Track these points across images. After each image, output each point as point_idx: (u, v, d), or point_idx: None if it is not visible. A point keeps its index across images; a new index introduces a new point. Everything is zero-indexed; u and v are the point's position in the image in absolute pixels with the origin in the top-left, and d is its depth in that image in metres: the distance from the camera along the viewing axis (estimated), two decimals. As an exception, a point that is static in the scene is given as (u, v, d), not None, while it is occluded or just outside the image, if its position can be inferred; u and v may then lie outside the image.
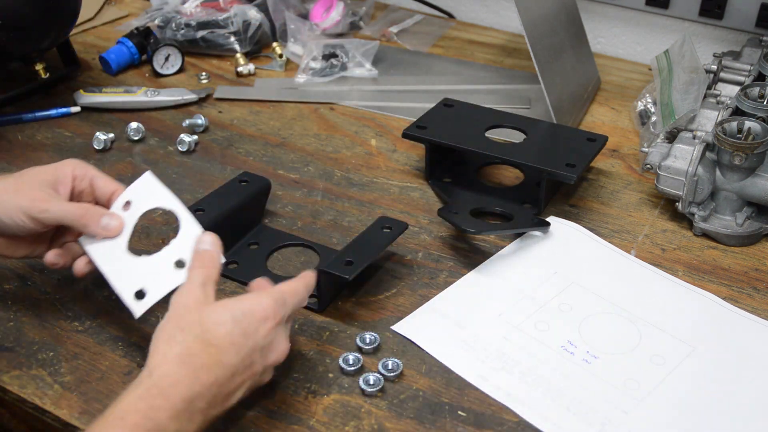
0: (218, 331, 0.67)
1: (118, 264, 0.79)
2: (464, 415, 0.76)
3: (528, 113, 1.23)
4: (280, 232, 0.99)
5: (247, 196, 0.96)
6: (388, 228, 0.90)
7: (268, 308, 0.70)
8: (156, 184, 0.82)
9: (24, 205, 0.78)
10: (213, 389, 0.66)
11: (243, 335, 0.68)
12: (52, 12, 1.15)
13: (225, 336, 0.67)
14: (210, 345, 0.66)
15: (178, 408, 0.63)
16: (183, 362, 0.65)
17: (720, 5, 1.30)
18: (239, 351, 0.67)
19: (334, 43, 1.36)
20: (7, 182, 0.80)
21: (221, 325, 0.68)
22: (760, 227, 0.97)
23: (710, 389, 0.79)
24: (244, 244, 0.96)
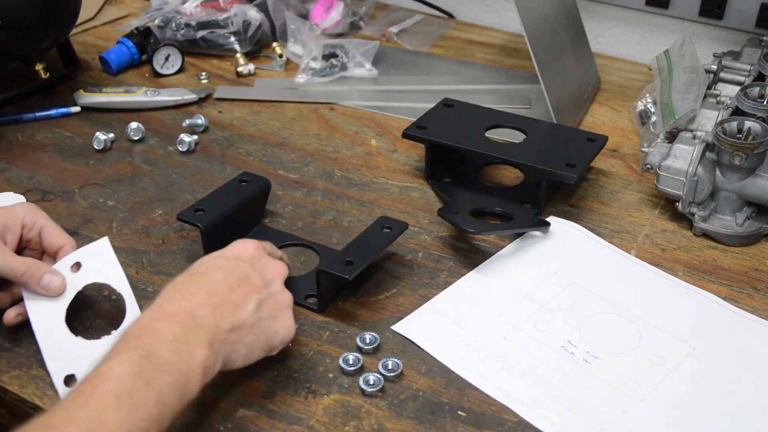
0: (201, 265, 0.73)
1: (55, 336, 0.78)
2: (464, 415, 0.76)
3: (528, 113, 1.23)
4: (279, 232, 0.98)
5: (247, 196, 0.96)
6: (388, 228, 0.90)
7: (245, 242, 0.76)
8: (110, 254, 0.81)
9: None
10: (211, 299, 0.69)
11: (225, 259, 0.73)
12: (52, 12, 1.15)
13: (208, 264, 0.73)
14: (195, 273, 0.72)
15: (175, 315, 0.66)
16: (173, 289, 0.70)
17: (720, 5, 1.30)
18: (226, 268, 0.72)
19: (334, 43, 1.36)
20: None
21: (203, 262, 0.74)
22: (760, 227, 0.97)
23: (710, 389, 0.79)
24: None
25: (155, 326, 0.65)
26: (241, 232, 0.97)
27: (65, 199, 1.04)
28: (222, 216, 0.92)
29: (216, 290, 0.70)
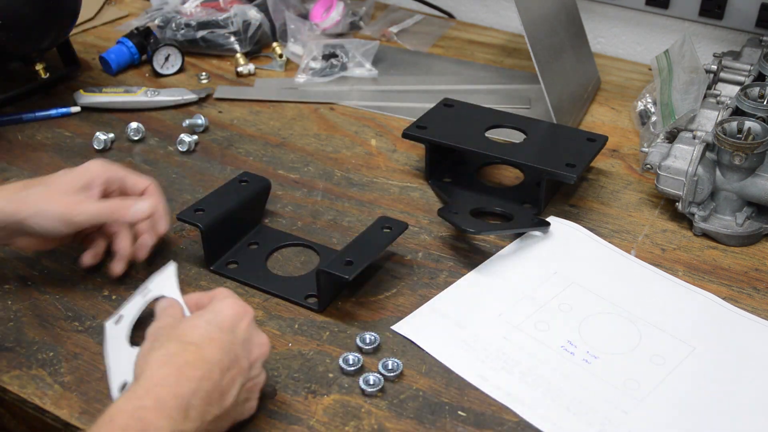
0: (195, 332, 0.68)
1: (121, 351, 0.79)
2: (464, 415, 0.76)
3: (528, 113, 1.23)
4: (279, 232, 0.98)
5: (247, 196, 0.96)
6: (388, 228, 0.90)
7: (238, 306, 0.72)
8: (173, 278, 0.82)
9: (58, 212, 0.83)
10: (204, 384, 0.65)
11: (220, 330, 0.69)
12: (52, 12, 1.15)
13: (203, 335, 0.68)
14: (189, 344, 0.67)
15: (168, 405, 0.62)
16: (166, 363, 0.65)
17: (720, 5, 1.30)
18: (221, 346, 0.68)
19: (334, 43, 1.36)
20: (38, 190, 0.84)
21: (197, 328, 0.69)
22: (760, 227, 0.97)
23: (710, 389, 0.79)
24: (243, 244, 0.96)
25: (144, 416, 0.61)
26: (242, 232, 0.97)
27: (65, 199, 1.04)
28: (222, 216, 0.92)
29: (209, 375, 0.66)
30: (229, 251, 0.94)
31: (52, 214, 0.82)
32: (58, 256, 0.94)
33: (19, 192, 0.84)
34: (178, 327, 0.69)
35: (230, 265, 0.93)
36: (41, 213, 0.82)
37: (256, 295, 0.90)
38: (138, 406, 0.62)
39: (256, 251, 0.95)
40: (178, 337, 0.68)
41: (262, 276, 0.92)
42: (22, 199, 0.83)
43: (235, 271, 0.92)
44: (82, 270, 0.92)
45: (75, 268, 0.93)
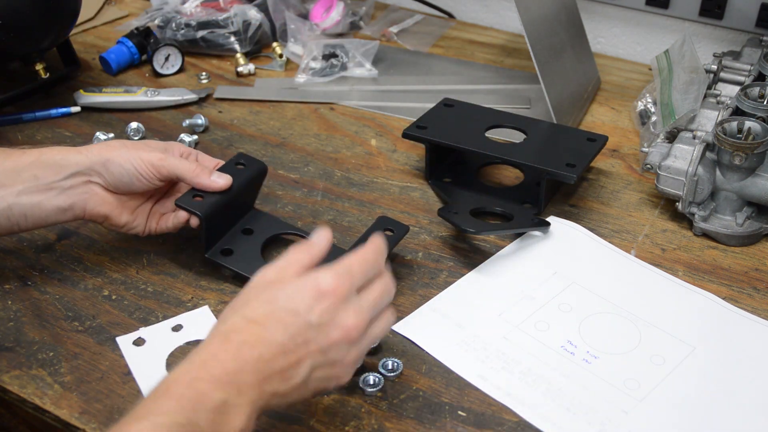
0: (262, 308, 0.65)
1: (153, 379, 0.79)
2: (464, 415, 0.76)
3: (528, 113, 1.23)
4: (274, 219, 0.97)
5: (245, 180, 0.92)
6: (390, 231, 0.90)
7: (326, 285, 0.65)
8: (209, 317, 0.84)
9: (143, 155, 0.86)
10: (260, 366, 0.63)
11: (292, 313, 0.64)
12: (52, 12, 1.15)
13: (269, 314, 0.65)
14: (253, 322, 0.64)
15: (221, 380, 0.61)
16: (226, 338, 0.64)
17: (720, 5, 1.30)
18: (287, 328, 0.64)
19: (334, 43, 1.36)
20: (123, 142, 0.89)
21: (268, 303, 0.65)
22: (760, 227, 0.97)
23: (710, 389, 0.79)
24: (238, 230, 0.94)
25: (198, 387, 0.61)
26: (236, 217, 0.94)
27: (65, 199, 1.04)
28: (221, 202, 0.89)
29: (267, 356, 0.63)
30: (223, 238, 0.92)
31: (136, 155, 0.86)
32: (58, 256, 0.95)
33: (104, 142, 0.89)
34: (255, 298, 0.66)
35: (225, 252, 0.91)
36: (126, 154, 0.86)
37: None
38: (194, 377, 0.61)
39: (252, 239, 0.93)
40: (247, 314, 0.65)
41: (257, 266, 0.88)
42: (108, 145, 0.88)
43: (231, 261, 0.90)
44: (83, 270, 0.92)
45: (75, 268, 0.93)
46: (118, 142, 0.89)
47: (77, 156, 0.85)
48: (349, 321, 0.66)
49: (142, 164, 0.86)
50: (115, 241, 0.97)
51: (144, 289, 0.90)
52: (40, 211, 0.84)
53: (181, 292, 0.90)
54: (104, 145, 0.88)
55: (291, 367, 0.64)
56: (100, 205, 0.87)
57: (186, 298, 0.89)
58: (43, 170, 0.84)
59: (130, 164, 0.86)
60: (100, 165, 0.85)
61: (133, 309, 0.88)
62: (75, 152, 0.86)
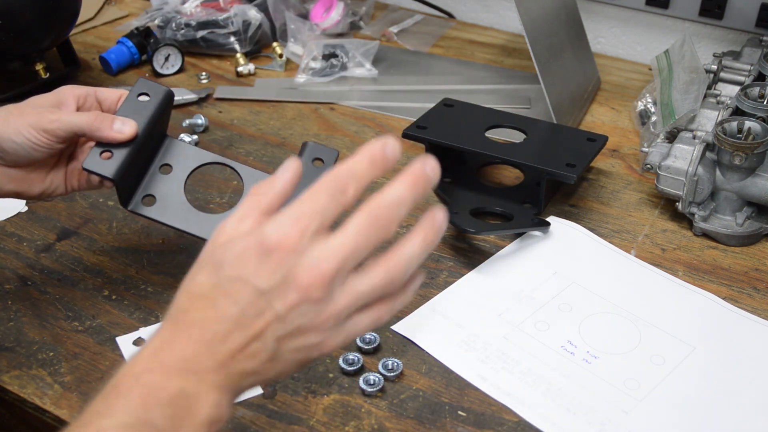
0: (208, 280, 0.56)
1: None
2: (464, 415, 0.76)
3: (528, 113, 1.23)
4: (189, 148, 0.87)
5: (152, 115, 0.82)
6: (320, 160, 0.79)
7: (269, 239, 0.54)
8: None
9: (32, 121, 0.77)
10: (216, 346, 0.54)
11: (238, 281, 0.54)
12: (52, 12, 1.15)
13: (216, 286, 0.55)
14: (199, 298, 0.56)
15: (174, 368, 0.54)
16: (175, 321, 0.56)
17: (720, 5, 1.30)
18: (236, 300, 0.54)
19: (334, 43, 1.36)
20: (7, 108, 0.79)
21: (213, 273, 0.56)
22: (760, 227, 0.97)
23: (710, 389, 0.79)
24: (155, 168, 0.85)
25: (148, 379, 0.53)
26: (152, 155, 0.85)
27: (65, 199, 1.04)
28: (133, 150, 0.80)
29: (223, 335, 0.54)
30: (142, 181, 0.83)
31: (24, 123, 0.77)
32: (58, 256, 0.95)
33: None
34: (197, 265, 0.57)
35: (147, 201, 0.83)
36: (13, 125, 0.77)
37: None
38: (143, 369, 0.54)
39: (172, 178, 0.84)
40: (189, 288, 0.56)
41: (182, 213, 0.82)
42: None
43: (155, 210, 0.82)
44: (83, 270, 0.92)
45: (75, 268, 0.93)
46: (2, 112, 0.79)
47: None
48: (303, 277, 0.53)
49: (33, 133, 0.77)
50: (115, 241, 0.97)
51: (144, 289, 0.90)
52: None
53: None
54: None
55: (252, 341, 0.54)
56: (7, 184, 0.80)
57: (186, 298, 0.89)
58: None
59: (21, 137, 0.77)
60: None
61: (133, 309, 0.88)
62: None
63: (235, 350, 0.54)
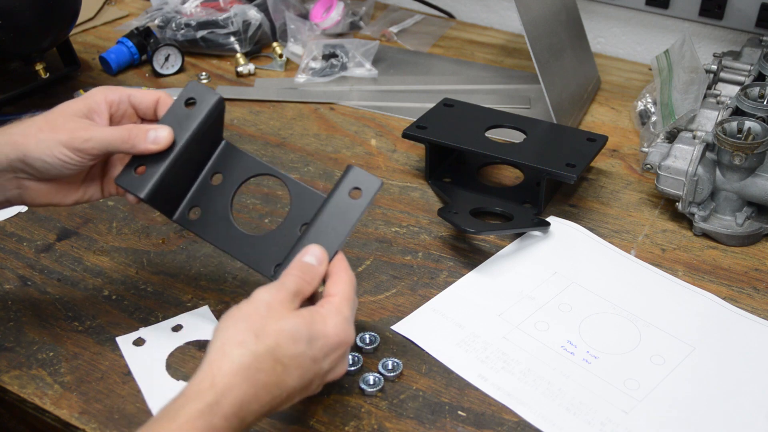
0: (290, 349, 0.63)
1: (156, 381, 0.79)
2: (464, 415, 0.76)
3: (528, 113, 1.23)
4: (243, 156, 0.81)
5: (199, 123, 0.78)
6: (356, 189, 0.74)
7: (345, 335, 0.67)
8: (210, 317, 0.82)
9: (63, 139, 0.73)
10: (265, 407, 0.63)
11: (312, 360, 0.65)
12: (52, 12, 1.15)
13: (295, 357, 0.64)
14: (278, 362, 0.63)
15: (232, 426, 0.60)
16: (248, 378, 0.61)
17: (720, 5, 1.30)
18: (303, 375, 0.64)
19: (334, 43, 1.36)
20: (38, 121, 0.75)
21: (295, 344, 0.64)
22: (760, 227, 0.97)
23: (710, 389, 0.79)
24: (207, 176, 0.81)
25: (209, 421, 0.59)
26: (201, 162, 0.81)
27: (65, 199, 1.04)
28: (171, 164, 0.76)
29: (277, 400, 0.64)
30: (190, 191, 0.80)
31: (56, 143, 0.73)
32: (58, 256, 0.95)
33: (17, 127, 0.75)
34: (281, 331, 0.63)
35: (193, 210, 0.80)
36: (44, 143, 0.73)
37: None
38: (210, 425, 0.59)
39: (220, 188, 0.80)
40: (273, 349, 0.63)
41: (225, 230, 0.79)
42: (22, 132, 0.74)
43: (198, 224, 0.80)
44: (83, 270, 0.92)
45: (75, 268, 0.93)
46: (33, 126, 0.75)
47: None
48: (343, 368, 0.69)
49: (66, 152, 0.74)
50: (115, 241, 0.97)
51: (144, 289, 0.90)
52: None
53: (181, 292, 0.90)
54: (18, 134, 0.74)
55: (284, 405, 0.66)
56: (39, 198, 0.78)
57: (186, 298, 0.89)
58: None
59: (52, 157, 0.73)
60: (19, 162, 0.74)
61: (133, 309, 0.88)
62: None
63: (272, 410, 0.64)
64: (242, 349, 0.62)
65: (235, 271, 0.93)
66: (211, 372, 0.61)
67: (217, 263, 0.94)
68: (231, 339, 0.63)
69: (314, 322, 0.65)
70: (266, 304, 0.65)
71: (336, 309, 0.67)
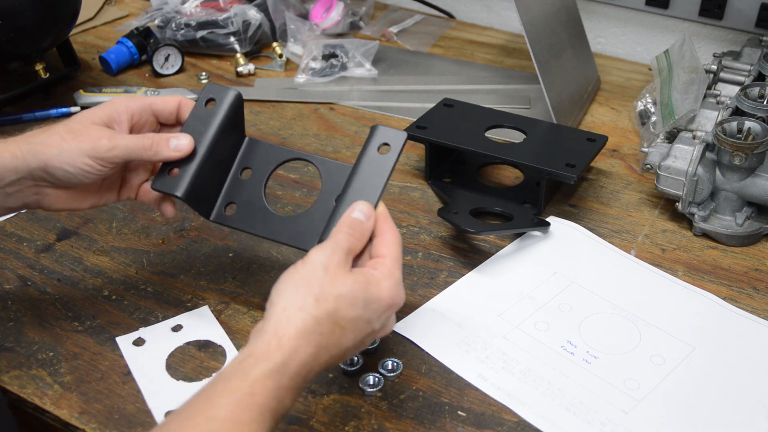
0: (348, 313, 0.66)
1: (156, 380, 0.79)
2: (464, 415, 0.76)
3: (528, 113, 1.23)
4: (269, 147, 0.85)
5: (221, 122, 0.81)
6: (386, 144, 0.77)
7: (396, 298, 0.69)
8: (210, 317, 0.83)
9: (86, 148, 0.75)
10: (323, 366, 0.66)
11: (367, 322, 0.67)
12: (52, 12, 1.15)
13: (353, 320, 0.66)
14: (337, 325, 0.65)
15: (299, 388, 0.64)
16: (311, 341, 0.64)
17: (720, 5, 1.30)
18: (358, 336, 0.67)
19: (334, 43, 1.36)
20: (59, 130, 0.76)
21: (353, 308, 0.66)
22: (760, 227, 0.97)
23: (710, 389, 0.79)
24: (236, 173, 0.83)
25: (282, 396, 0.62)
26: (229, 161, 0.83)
27: (65, 199, 1.04)
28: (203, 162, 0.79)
29: (335, 359, 0.67)
30: (222, 190, 0.83)
31: (78, 152, 0.74)
32: (58, 256, 0.95)
33: (39, 135, 0.76)
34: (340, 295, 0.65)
35: (229, 207, 0.83)
36: (67, 152, 0.74)
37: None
38: (279, 385, 0.62)
39: (251, 182, 0.83)
40: (333, 313, 0.65)
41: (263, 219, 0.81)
42: (44, 141, 0.75)
43: (236, 218, 0.82)
44: (83, 270, 0.92)
45: (75, 268, 0.93)
46: (55, 134, 0.75)
47: (13, 161, 0.75)
48: (391, 326, 0.71)
49: (88, 162, 0.75)
50: (115, 241, 0.97)
51: (144, 289, 0.90)
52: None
53: (181, 292, 0.90)
54: (40, 143, 0.75)
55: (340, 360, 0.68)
56: (56, 203, 0.79)
57: (186, 298, 0.89)
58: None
59: (74, 166, 0.75)
60: (40, 170, 0.75)
61: (133, 309, 0.88)
62: (10, 155, 0.75)
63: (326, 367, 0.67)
64: (303, 314, 0.64)
65: (235, 271, 0.93)
66: (277, 335, 0.63)
67: (217, 263, 0.94)
68: (293, 303, 0.65)
69: (369, 285, 0.67)
70: (323, 266, 0.67)
71: (389, 272, 0.69)
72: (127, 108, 0.79)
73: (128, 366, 0.80)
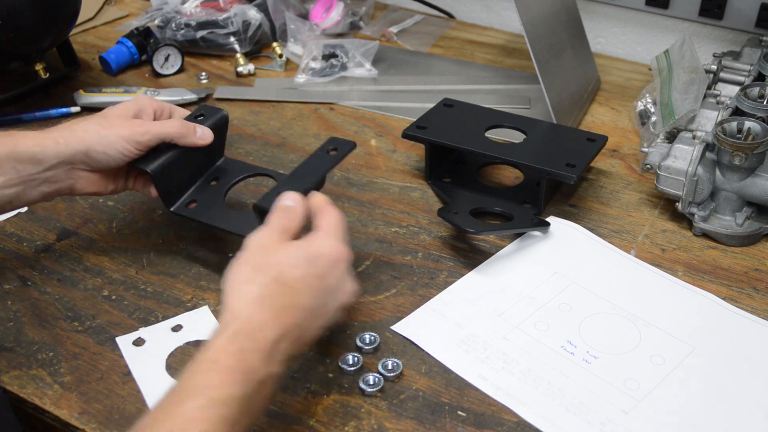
0: (294, 273, 0.68)
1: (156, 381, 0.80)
2: (464, 415, 0.76)
3: (528, 113, 1.23)
4: (240, 164, 0.97)
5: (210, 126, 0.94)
6: (334, 150, 0.86)
7: (340, 251, 0.71)
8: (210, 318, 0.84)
9: (125, 134, 0.86)
10: (294, 331, 0.67)
11: (317, 277, 0.69)
12: (52, 12, 1.15)
13: (301, 278, 0.68)
14: (286, 286, 0.68)
15: (266, 350, 0.64)
16: (264, 304, 0.66)
17: (720, 5, 1.30)
18: (315, 293, 0.69)
19: (334, 43, 1.36)
20: (96, 120, 0.87)
21: (296, 268, 0.69)
22: (760, 227, 0.97)
23: (710, 389, 0.79)
24: (205, 181, 0.95)
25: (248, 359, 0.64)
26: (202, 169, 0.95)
27: (65, 199, 1.04)
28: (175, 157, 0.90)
29: (300, 321, 0.67)
30: (189, 191, 0.93)
31: (117, 137, 0.85)
32: (58, 256, 0.95)
33: (77, 124, 0.86)
34: (280, 261, 0.69)
35: (190, 204, 0.92)
36: (107, 138, 0.85)
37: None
38: (241, 348, 0.64)
39: (216, 187, 0.94)
40: (278, 277, 0.68)
41: (218, 213, 0.90)
42: (85, 129, 0.85)
43: (194, 211, 0.91)
44: (83, 270, 0.93)
45: (75, 268, 0.93)
46: (93, 123, 0.87)
47: (56, 147, 0.84)
48: (350, 285, 0.73)
49: (126, 146, 0.86)
50: (115, 241, 0.97)
51: (144, 289, 0.90)
52: (25, 197, 0.85)
53: (181, 292, 0.90)
54: (80, 130, 0.86)
55: (312, 330, 0.69)
56: (88, 186, 0.89)
57: (186, 298, 0.89)
58: (21, 164, 0.83)
59: (115, 150, 0.86)
60: (82, 155, 0.85)
61: (133, 309, 0.88)
62: (52, 142, 0.84)
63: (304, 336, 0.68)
64: (251, 285, 0.67)
65: (235, 271, 0.93)
66: (232, 310, 0.66)
67: (217, 263, 0.94)
68: (239, 280, 0.68)
69: (309, 246, 0.71)
70: (259, 244, 0.71)
71: (326, 233, 0.72)
72: (151, 104, 0.91)
73: (128, 366, 0.80)
